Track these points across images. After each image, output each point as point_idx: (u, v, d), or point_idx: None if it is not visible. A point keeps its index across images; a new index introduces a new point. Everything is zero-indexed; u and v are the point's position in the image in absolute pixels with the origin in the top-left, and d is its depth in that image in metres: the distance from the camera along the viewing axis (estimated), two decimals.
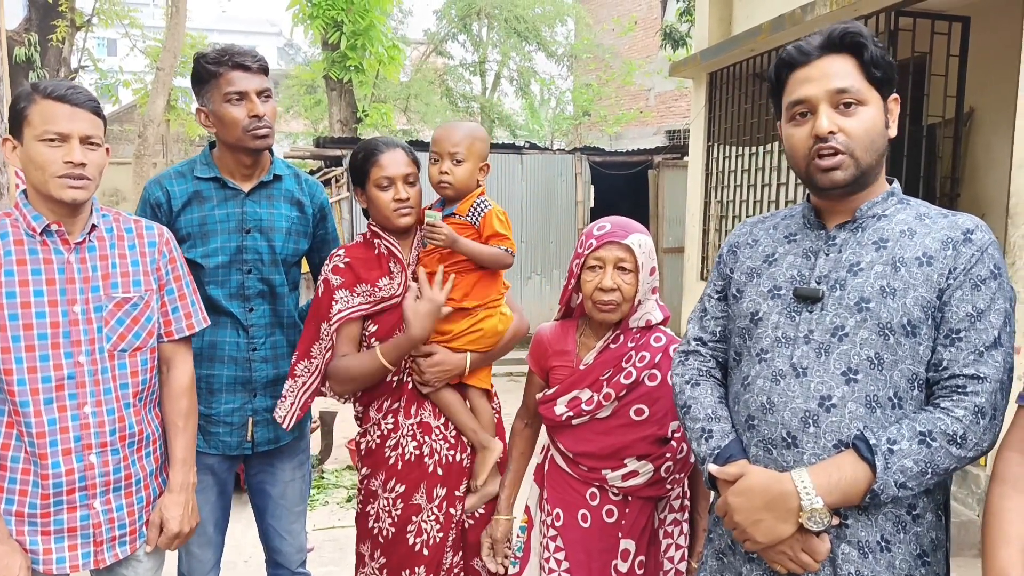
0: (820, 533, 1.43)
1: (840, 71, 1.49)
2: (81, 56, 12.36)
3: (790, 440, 1.47)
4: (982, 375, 1.39)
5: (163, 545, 2.02)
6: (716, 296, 1.76)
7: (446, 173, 2.20)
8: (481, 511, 2.29)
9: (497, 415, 2.40)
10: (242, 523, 3.64)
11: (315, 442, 4.99)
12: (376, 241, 2.26)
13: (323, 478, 4.99)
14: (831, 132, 1.47)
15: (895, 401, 1.44)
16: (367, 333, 2.23)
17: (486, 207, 2.22)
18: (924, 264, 1.45)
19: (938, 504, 1.51)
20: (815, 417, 1.45)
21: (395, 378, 2.23)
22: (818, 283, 1.51)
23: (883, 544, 1.45)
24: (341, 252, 2.26)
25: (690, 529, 2.13)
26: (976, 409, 1.38)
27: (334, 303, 2.18)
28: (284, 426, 2.28)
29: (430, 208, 2.27)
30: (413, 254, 2.28)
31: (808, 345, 1.49)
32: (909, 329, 1.43)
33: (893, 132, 1.53)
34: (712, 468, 1.55)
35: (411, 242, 2.29)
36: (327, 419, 5.22)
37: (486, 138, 2.26)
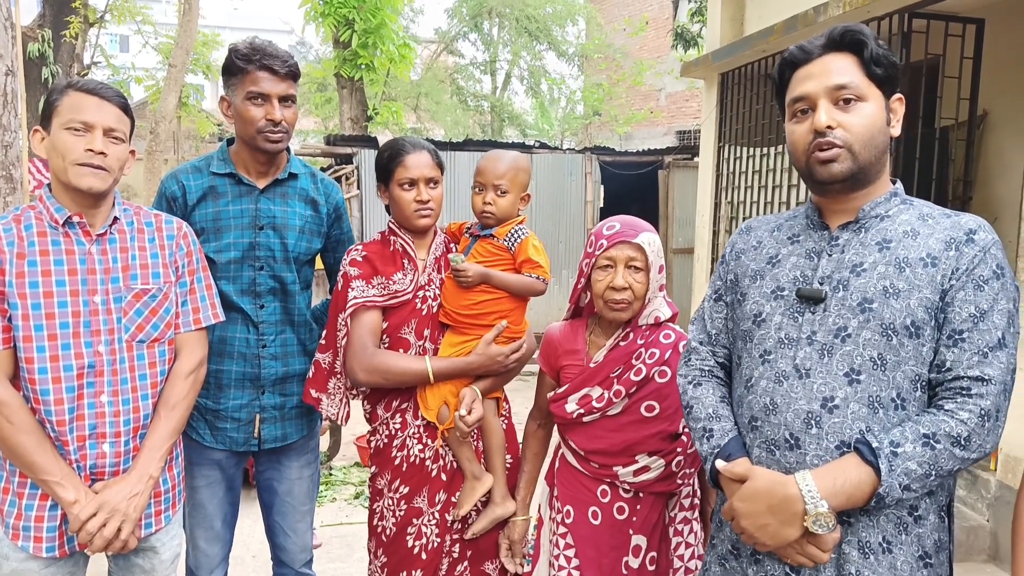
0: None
1: (840, 68, 1.50)
2: (94, 52, 12.41)
3: (793, 441, 1.48)
4: (986, 376, 1.38)
5: (82, 540, 1.84)
6: (714, 298, 1.77)
7: (489, 204, 2.25)
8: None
9: (507, 419, 2.39)
10: (251, 519, 3.65)
11: (324, 439, 5.00)
12: (393, 239, 2.30)
13: (331, 475, 5.01)
14: (829, 127, 1.49)
15: (898, 402, 1.44)
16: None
17: (523, 234, 2.27)
18: (928, 265, 1.45)
19: (941, 506, 1.50)
20: (818, 418, 1.46)
21: None
22: (821, 284, 1.52)
23: (884, 545, 1.45)
24: (359, 247, 2.30)
25: (703, 523, 2.14)
26: (982, 412, 1.37)
27: (350, 291, 2.20)
28: (340, 424, 2.32)
29: (464, 229, 2.36)
30: (430, 257, 2.30)
31: (811, 346, 1.49)
32: (912, 330, 1.43)
33: (896, 131, 1.54)
34: (719, 464, 1.55)
35: (428, 243, 2.32)
36: None
37: (529, 169, 2.31)
